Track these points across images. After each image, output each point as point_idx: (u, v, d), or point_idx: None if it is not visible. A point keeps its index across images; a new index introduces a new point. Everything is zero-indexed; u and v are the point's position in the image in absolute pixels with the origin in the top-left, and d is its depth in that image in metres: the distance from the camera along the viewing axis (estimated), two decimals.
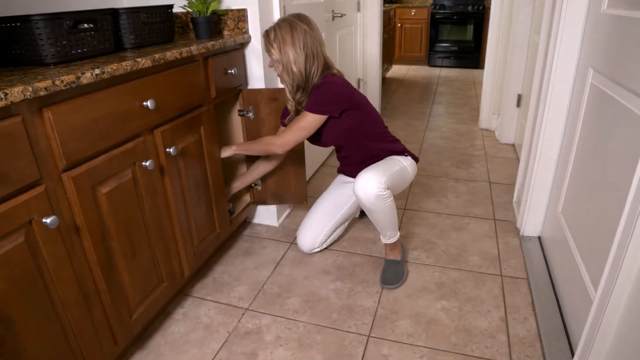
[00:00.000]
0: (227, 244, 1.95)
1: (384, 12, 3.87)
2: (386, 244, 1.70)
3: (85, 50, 1.18)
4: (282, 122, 1.72)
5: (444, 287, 1.63)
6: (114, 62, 1.09)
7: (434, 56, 6.04)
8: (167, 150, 1.32)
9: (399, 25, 6.02)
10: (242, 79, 1.74)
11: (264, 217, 2.10)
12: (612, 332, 1.02)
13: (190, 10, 1.60)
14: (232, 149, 1.70)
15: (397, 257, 1.71)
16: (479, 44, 5.67)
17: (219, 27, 1.74)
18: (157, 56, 1.22)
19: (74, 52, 1.15)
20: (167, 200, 1.37)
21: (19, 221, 0.88)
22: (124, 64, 1.10)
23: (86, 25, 1.17)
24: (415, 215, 2.14)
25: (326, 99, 1.51)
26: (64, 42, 1.11)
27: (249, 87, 1.81)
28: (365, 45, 3.46)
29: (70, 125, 0.98)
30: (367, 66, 3.54)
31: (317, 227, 1.81)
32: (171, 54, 1.28)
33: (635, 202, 0.93)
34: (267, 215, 2.09)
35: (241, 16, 1.69)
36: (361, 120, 1.59)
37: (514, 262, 1.76)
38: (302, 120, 1.54)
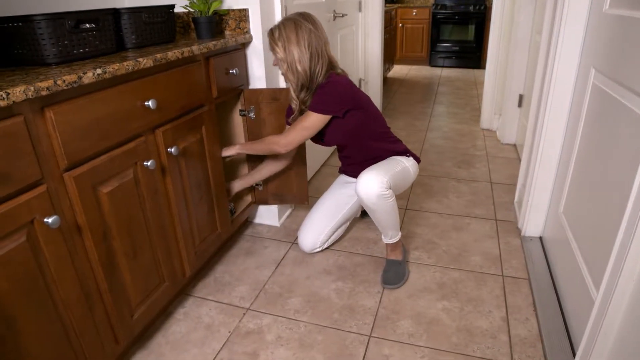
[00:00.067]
0: (228, 243, 1.95)
1: (385, 12, 3.87)
2: (387, 244, 1.70)
3: (87, 50, 1.18)
4: (287, 122, 1.71)
5: (445, 287, 1.63)
6: (116, 62, 1.10)
7: (435, 56, 6.03)
8: (168, 150, 1.32)
9: (401, 25, 6.02)
10: (243, 78, 1.74)
11: (265, 217, 2.10)
12: (613, 333, 1.02)
13: (191, 10, 1.60)
14: (235, 148, 1.70)
15: (398, 257, 1.71)
16: (481, 44, 5.67)
17: (220, 27, 1.74)
18: (158, 56, 1.22)
19: (75, 52, 1.15)
20: (168, 200, 1.37)
21: (21, 221, 0.89)
22: (125, 63, 1.10)
23: (88, 25, 1.18)
24: (416, 215, 2.14)
25: (330, 98, 1.51)
26: (66, 42, 1.12)
27: (250, 87, 1.81)
28: (366, 45, 3.45)
29: (72, 125, 0.98)
30: (369, 66, 3.54)
31: (318, 227, 1.81)
32: (173, 54, 1.28)
33: (637, 202, 0.93)
34: (268, 215, 2.09)
35: (242, 16, 1.69)
36: (364, 120, 1.59)
37: (515, 263, 1.76)
38: (306, 120, 1.53)
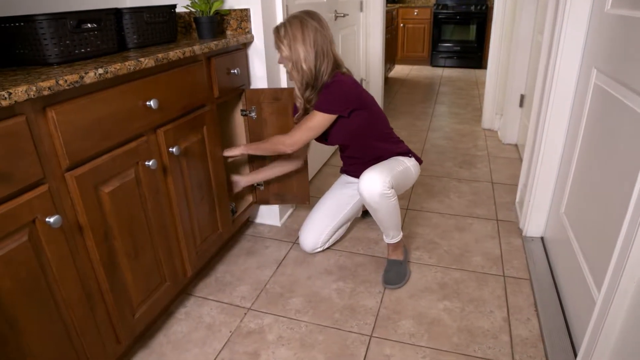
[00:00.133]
0: (229, 243, 1.95)
1: (386, 12, 3.87)
2: (389, 243, 1.70)
3: (88, 50, 1.18)
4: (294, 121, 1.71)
5: (446, 287, 1.63)
6: (117, 62, 1.10)
7: (436, 56, 6.03)
8: (170, 149, 1.32)
9: (402, 25, 6.02)
10: (244, 78, 1.74)
11: (266, 216, 2.10)
12: (615, 333, 1.02)
13: (193, 10, 1.60)
14: (239, 149, 1.69)
15: (399, 257, 1.71)
16: (482, 44, 5.66)
17: (221, 27, 1.74)
18: (160, 56, 1.22)
19: (77, 51, 1.15)
20: (169, 199, 1.37)
21: (23, 220, 0.89)
22: (127, 63, 1.10)
23: (89, 25, 1.18)
24: (417, 215, 2.13)
25: (336, 98, 1.50)
26: (68, 42, 1.12)
27: (252, 87, 1.81)
28: (367, 45, 3.45)
29: (73, 124, 0.98)
30: (370, 66, 3.53)
31: (320, 227, 1.81)
32: (174, 54, 1.28)
33: (638, 202, 0.93)
34: (269, 215, 2.09)
35: (244, 16, 1.69)
36: (369, 120, 1.59)
37: (516, 263, 1.75)
38: (312, 119, 1.53)
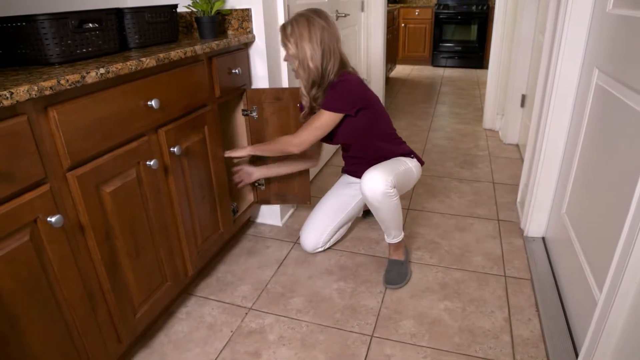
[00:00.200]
0: (230, 243, 1.95)
1: (387, 12, 3.87)
2: (390, 243, 1.70)
3: (90, 49, 1.19)
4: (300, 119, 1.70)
5: (447, 287, 1.63)
6: (119, 62, 1.10)
7: (437, 56, 6.02)
8: (171, 149, 1.32)
9: (403, 25, 6.01)
10: (246, 78, 1.74)
11: (267, 216, 2.10)
12: (616, 334, 1.01)
13: (194, 10, 1.60)
14: (246, 149, 1.68)
15: (400, 257, 1.71)
16: (483, 43, 5.65)
17: (223, 27, 1.74)
18: (161, 56, 1.22)
19: (78, 51, 1.15)
20: (171, 199, 1.38)
21: (24, 220, 0.89)
22: (128, 63, 1.11)
23: (91, 25, 1.18)
24: (418, 215, 2.13)
25: (343, 97, 1.50)
26: (69, 42, 1.12)
27: (253, 87, 1.81)
28: (369, 45, 3.45)
29: (75, 124, 0.98)
30: (371, 66, 3.53)
31: (320, 226, 1.81)
32: (175, 54, 1.28)
33: None
34: (270, 214, 2.09)
35: (245, 16, 1.69)
36: (374, 120, 1.59)
37: (517, 263, 1.75)
38: (319, 119, 1.53)
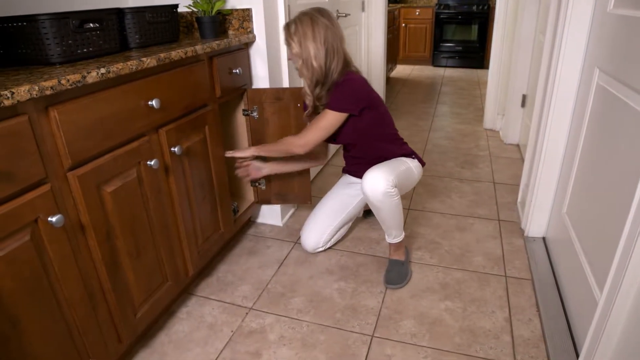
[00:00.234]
0: (231, 243, 1.95)
1: (388, 12, 3.86)
2: (391, 243, 1.70)
3: (90, 49, 1.19)
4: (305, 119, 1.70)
5: (448, 287, 1.63)
6: (120, 62, 1.10)
7: (438, 56, 6.02)
8: (172, 149, 1.32)
9: (404, 25, 6.01)
10: (246, 78, 1.75)
11: (268, 216, 2.10)
12: (617, 334, 1.01)
13: (195, 9, 1.60)
14: (250, 150, 1.67)
15: (401, 257, 1.71)
16: (484, 43, 5.65)
17: (223, 27, 1.74)
18: (162, 56, 1.22)
19: (79, 51, 1.15)
20: (171, 199, 1.38)
21: (25, 220, 0.89)
22: (129, 63, 1.11)
23: (92, 24, 1.18)
24: (419, 215, 2.13)
25: (348, 96, 1.51)
26: (70, 42, 1.12)
27: (254, 87, 1.81)
28: (369, 45, 3.45)
29: (76, 124, 0.99)
30: (372, 66, 3.53)
31: (321, 226, 1.81)
32: (176, 54, 1.28)
33: None
34: (271, 214, 2.09)
35: (246, 16, 1.69)
36: (377, 119, 1.59)
37: (518, 263, 1.75)
38: (323, 119, 1.53)
